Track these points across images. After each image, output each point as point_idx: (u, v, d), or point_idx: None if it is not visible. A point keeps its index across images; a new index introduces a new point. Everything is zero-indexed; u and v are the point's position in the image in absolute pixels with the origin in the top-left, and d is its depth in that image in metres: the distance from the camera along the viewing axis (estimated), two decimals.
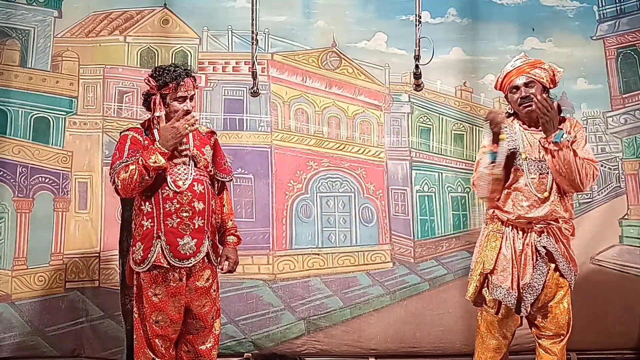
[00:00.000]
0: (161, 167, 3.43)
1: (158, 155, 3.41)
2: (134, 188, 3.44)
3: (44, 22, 4.86)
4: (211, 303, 3.63)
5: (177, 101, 3.53)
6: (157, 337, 3.53)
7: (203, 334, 3.63)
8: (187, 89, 3.53)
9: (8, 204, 4.71)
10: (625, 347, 4.88)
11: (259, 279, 4.78)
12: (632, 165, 5.02)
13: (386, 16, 4.99)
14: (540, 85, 3.50)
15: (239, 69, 4.89)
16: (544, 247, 3.47)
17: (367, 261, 4.91)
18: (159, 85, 3.52)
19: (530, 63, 3.55)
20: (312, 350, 4.80)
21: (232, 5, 4.94)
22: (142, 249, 3.49)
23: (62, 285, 4.71)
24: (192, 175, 3.54)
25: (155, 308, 3.50)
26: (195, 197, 3.52)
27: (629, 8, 5.10)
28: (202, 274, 3.59)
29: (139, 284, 3.55)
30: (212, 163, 3.69)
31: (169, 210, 3.48)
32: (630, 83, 5.07)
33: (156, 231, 3.48)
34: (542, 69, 3.53)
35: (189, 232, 3.50)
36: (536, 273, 3.47)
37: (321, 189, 4.93)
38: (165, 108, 3.53)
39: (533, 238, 3.48)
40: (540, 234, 3.48)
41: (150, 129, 3.57)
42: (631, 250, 4.94)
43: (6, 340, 4.62)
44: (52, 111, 4.79)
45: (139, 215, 3.55)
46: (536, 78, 3.50)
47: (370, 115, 5.00)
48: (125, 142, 3.54)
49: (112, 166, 3.50)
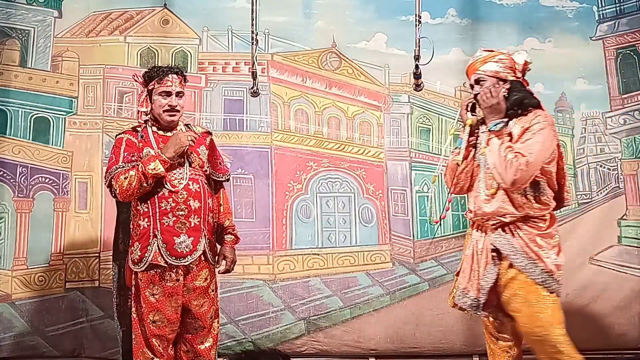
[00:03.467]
0: (159, 175, 3.45)
1: (158, 163, 3.44)
2: (132, 194, 3.47)
3: (44, 22, 4.86)
4: (209, 303, 3.64)
5: (160, 96, 3.55)
6: (155, 337, 3.54)
7: (202, 334, 3.63)
8: (170, 84, 3.55)
9: (8, 204, 4.71)
10: (624, 347, 4.88)
11: (259, 279, 4.79)
12: (631, 165, 5.03)
13: (386, 17, 4.99)
14: (494, 80, 3.36)
15: (239, 70, 4.89)
16: (492, 244, 3.37)
17: (367, 261, 4.91)
18: (145, 81, 3.59)
19: (482, 59, 3.41)
20: (312, 351, 4.80)
21: (232, 5, 4.94)
22: (139, 248, 3.51)
23: (62, 285, 4.71)
24: (187, 174, 3.56)
25: (153, 308, 3.51)
26: (191, 195, 3.53)
27: (628, 9, 5.11)
28: (200, 274, 3.59)
29: (137, 284, 3.57)
30: (207, 163, 3.70)
31: (164, 209, 3.49)
32: (629, 83, 5.07)
33: (152, 230, 3.49)
34: (496, 62, 3.38)
35: (185, 231, 3.51)
36: (486, 272, 3.39)
37: (321, 190, 4.93)
38: (151, 104, 3.58)
39: (490, 236, 3.40)
40: (494, 231, 3.38)
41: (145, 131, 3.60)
42: (630, 250, 4.94)
43: (6, 340, 4.63)
44: (52, 111, 4.80)
45: (136, 216, 3.57)
46: (486, 74, 3.37)
47: (370, 116, 5.01)
48: (121, 146, 3.57)
49: (109, 170, 3.53)
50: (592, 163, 5.04)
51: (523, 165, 3.17)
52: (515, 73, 3.39)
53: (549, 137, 3.27)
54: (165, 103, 3.55)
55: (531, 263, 3.30)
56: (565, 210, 4.99)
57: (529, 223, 3.33)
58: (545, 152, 3.25)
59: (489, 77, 3.36)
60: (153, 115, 3.62)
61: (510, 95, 3.34)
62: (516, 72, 3.39)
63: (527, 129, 3.26)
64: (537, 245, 3.31)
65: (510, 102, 3.34)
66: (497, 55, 3.40)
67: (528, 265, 3.30)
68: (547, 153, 3.26)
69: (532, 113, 3.32)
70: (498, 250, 3.36)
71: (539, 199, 3.32)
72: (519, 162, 3.18)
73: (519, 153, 3.20)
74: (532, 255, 3.30)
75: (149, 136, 3.59)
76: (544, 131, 3.25)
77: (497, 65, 3.36)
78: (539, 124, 3.26)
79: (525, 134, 3.25)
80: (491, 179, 3.34)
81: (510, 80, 3.36)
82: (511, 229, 3.34)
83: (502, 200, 3.32)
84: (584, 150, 5.06)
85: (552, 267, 3.30)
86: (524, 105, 3.33)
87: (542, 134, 3.24)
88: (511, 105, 3.34)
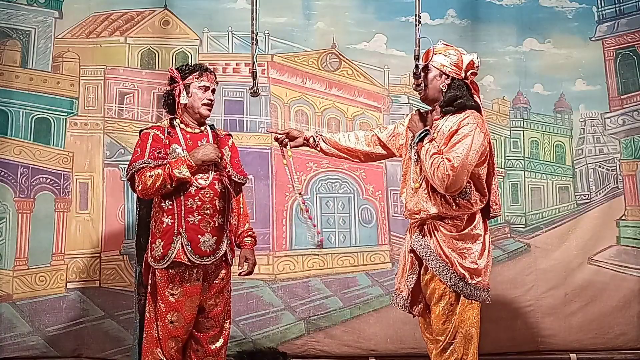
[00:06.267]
0: (185, 179, 3.46)
1: (185, 167, 3.45)
2: (153, 192, 3.47)
3: (45, 22, 4.87)
4: (224, 303, 3.65)
5: (200, 89, 3.60)
6: (170, 338, 3.53)
7: (213, 333, 3.64)
8: (209, 79, 3.64)
9: (9, 205, 4.72)
10: (624, 347, 4.89)
11: (259, 279, 4.79)
12: (629, 166, 5.03)
13: (385, 18, 5.00)
14: (438, 72, 3.37)
15: (239, 70, 4.90)
16: (411, 246, 3.41)
17: (367, 261, 4.92)
18: (182, 75, 3.61)
19: (437, 50, 3.40)
20: (312, 351, 4.81)
21: (232, 6, 4.95)
22: (162, 245, 3.49)
23: (63, 286, 4.71)
24: (212, 174, 3.58)
25: (172, 308, 3.51)
26: (216, 195, 3.56)
27: (628, 9, 5.11)
28: (218, 274, 3.62)
29: (154, 282, 3.56)
30: (229, 164, 3.72)
31: (190, 207, 3.50)
32: (628, 84, 5.07)
33: (177, 228, 3.49)
34: (445, 56, 3.38)
35: (209, 230, 3.53)
36: (410, 273, 3.43)
37: (321, 190, 4.94)
38: (188, 98, 3.60)
39: (412, 237, 3.42)
40: (415, 231, 3.40)
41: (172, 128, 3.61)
42: (628, 250, 4.95)
43: (7, 340, 4.63)
44: (53, 112, 4.80)
45: (159, 212, 3.55)
46: (434, 65, 3.38)
47: (370, 117, 5.02)
48: (147, 140, 3.56)
49: (133, 163, 3.52)
50: (591, 163, 5.05)
51: (449, 170, 3.18)
52: (460, 72, 3.39)
53: (478, 139, 3.25)
54: (204, 96, 3.61)
55: (443, 266, 3.30)
56: (564, 211, 5.02)
57: (446, 222, 3.32)
58: (474, 154, 3.24)
59: (435, 68, 3.39)
60: (183, 109, 3.62)
61: (447, 91, 3.37)
62: (461, 71, 3.39)
63: (455, 132, 3.27)
64: (452, 248, 3.30)
65: (445, 99, 3.37)
66: (449, 50, 3.42)
67: (440, 268, 3.30)
68: (475, 155, 3.25)
69: (464, 113, 3.33)
70: (413, 250, 3.40)
71: (460, 201, 3.30)
72: (445, 166, 3.18)
73: (444, 159, 3.21)
74: (445, 258, 3.30)
75: (177, 132, 3.60)
76: (471, 133, 3.24)
77: (445, 60, 3.38)
78: (467, 126, 3.26)
79: (453, 136, 3.27)
80: (418, 173, 3.37)
81: (452, 77, 3.38)
82: (429, 228, 3.35)
83: (422, 196, 3.34)
84: (583, 150, 5.07)
85: (464, 272, 3.28)
86: (456, 104, 3.35)
87: (470, 137, 3.24)
88: (445, 103, 3.37)
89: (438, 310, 3.32)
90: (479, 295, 3.32)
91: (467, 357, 3.30)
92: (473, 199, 3.33)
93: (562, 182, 5.07)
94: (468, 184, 3.29)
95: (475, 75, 3.46)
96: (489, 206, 3.44)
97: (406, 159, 3.51)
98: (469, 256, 3.31)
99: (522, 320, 4.84)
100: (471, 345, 3.30)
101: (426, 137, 3.31)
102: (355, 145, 3.69)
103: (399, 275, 3.55)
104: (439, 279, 3.30)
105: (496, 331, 4.57)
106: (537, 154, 5.08)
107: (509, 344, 4.79)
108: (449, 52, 3.40)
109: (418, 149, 3.33)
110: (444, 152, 3.24)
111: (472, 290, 3.29)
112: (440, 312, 3.31)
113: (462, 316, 3.30)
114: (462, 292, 3.28)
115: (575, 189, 5.04)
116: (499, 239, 4.95)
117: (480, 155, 3.28)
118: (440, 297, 3.31)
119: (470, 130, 3.25)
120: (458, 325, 3.30)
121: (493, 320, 4.31)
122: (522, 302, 4.86)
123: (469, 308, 3.31)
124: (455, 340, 3.30)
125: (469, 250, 3.31)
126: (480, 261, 3.32)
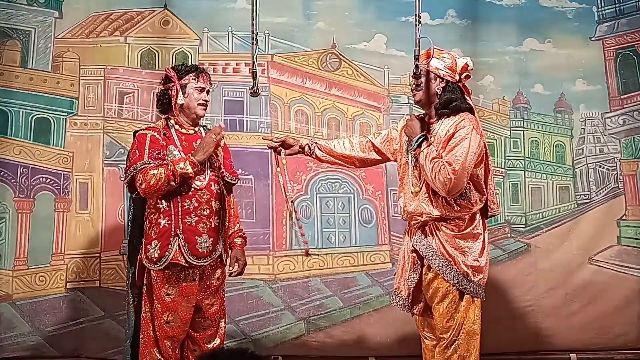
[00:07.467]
0: (187, 174, 3.46)
1: (187, 164, 3.45)
2: (157, 191, 3.45)
3: (45, 22, 4.86)
4: (219, 302, 3.67)
5: (196, 90, 3.61)
6: (167, 338, 3.54)
7: (210, 333, 3.66)
8: (205, 80, 3.65)
9: (9, 205, 4.72)
10: (624, 347, 4.88)
11: (259, 279, 4.79)
12: (630, 166, 5.03)
13: (386, 18, 4.99)
14: (432, 75, 3.40)
15: (239, 70, 4.90)
16: (413, 246, 3.45)
17: (367, 261, 4.92)
18: (178, 75, 3.61)
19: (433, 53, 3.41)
20: (312, 351, 4.80)
21: (232, 6, 4.94)
22: (158, 246, 3.49)
23: (62, 286, 4.71)
24: (209, 175, 3.58)
25: (167, 308, 3.51)
26: (213, 196, 3.57)
27: (628, 9, 5.11)
28: (214, 274, 3.63)
29: (150, 283, 3.56)
30: (222, 165, 3.73)
31: (187, 208, 3.51)
32: (629, 84, 5.07)
33: (174, 229, 3.49)
34: (439, 59, 3.41)
35: (207, 231, 3.53)
36: (411, 273, 3.47)
37: (321, 190, 4.94)
38: (185, 98, 3.60)
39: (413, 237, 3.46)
40: (416, 232, 3.44)
41: (167, 129, 3.61)
42: (629, 250, 4.95)
43: (7, 340, 4.63)
44: (52, 112, 4.80)
45: (154, 213, 3.55)
46: (429, 68, 3.41)
47: (370, 117, 5.02)
48: (145, 142, 3.55)
49: (133, 165, 3.51)
50: (591, 163, 5.04)
51: (450, 173, 3.23)
52: (454, 75, 3.42)
53: (475, 141, 3.31)
54: (200, 97, 3.62)
55: (446, 265, 3.34)
56: (565, 211, 5.02)
57: (448, 223, 3.37)
58: (472, 156, 3.29)
59: (430, 71, 3.42)
60: (179, 110, 3.62)
61: (442, 94, 3.40)
62: (455, 74, 3.42)
63: (452, 135, 3.31)
64: (455, 247, 3.36)
65: (440, 102, 3.40)
66: (443, 54, 3.45)
67: (444, 267, 3.35)
68: (474, 157, 3.30)
69: (459, 116, 3.37)
70: (415, 250, 3.44)
71: (461, 202, 3.35)
72: (446, 170, 3.23)
73: (445, 163, 3.25)
74: (448, 257, 3.35)
75: (172, 134, 3.60)
76: (469, 136, 3.29)
77: (440, 63, 3.41)
78: (464, 129, 3.31)
79: (451, 140, 3.31)
80: (417, 177, 3.41)
81: (446, 80, 3.41)
82: (431, 229, 3.39)
83: (423, 199, 3.39)
84: (583, 150, 5.07)
85: (468, 269, 3.34)
86: (451, 107, 3.38)
87: (467, 139, 3.29)
88: (440, 105, 3.40)
89: (442, 309, 3.37)
90: (481, 293, 3.40)
91: (470, 353, 3.36)
92: (473, 199, 3.38)
93: (563, 182, 5.07)
94: (467, 185, 3.34)
95: (468, 78, 3.50)
96: (487, 206, 3.49)
97: (402, 163, 3.55)
98: (471, 254, 3.37)
99: (522, 320, 4.84)
100: (474, 341, 3.37)
101: (423, 142, 3.36)
102: (350, 152, 3.74)
103: (398, 275, 3.60)
104: (443, 278, 3.35)
105: (496, 331, 4.56)
106: (537, 154, 5.08)
107: (509, 344, 4.79)
108: (442, 56, 3.44)
109: (416, 154, 3.37)
110: (443, 155, 3.29)
111: (475, 287, 3.36)
112: (444, 310, 3.37)
113: (465, 313, 3.36)
114: (465, 289, 3.35)
115: (576, 189, 5.03)
116: (499, 239, 4.95)
117: (477, 156, 3.33)
118: (444, 295, 3.37)
119: (467, 133, 3.30)
120: (462, 323, 3.35)
121: (493, 320, 4.30)
122: (523, 302, 4.85)
123: (472, 305, 3.37)
124: (459, 336, 3.35)
125: (470, 248, 3.38)
126: (481, 259, 3.39)
